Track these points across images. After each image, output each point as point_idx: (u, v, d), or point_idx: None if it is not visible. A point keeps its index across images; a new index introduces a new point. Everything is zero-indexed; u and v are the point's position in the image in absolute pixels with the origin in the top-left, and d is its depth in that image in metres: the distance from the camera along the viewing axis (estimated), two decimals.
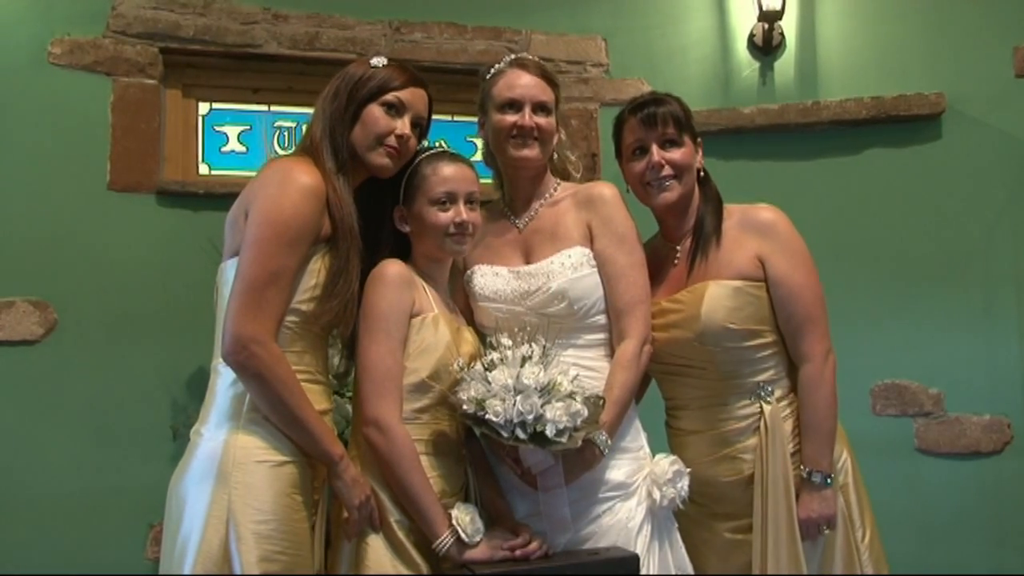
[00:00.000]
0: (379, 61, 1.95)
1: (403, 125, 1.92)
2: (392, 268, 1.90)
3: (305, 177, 1.77)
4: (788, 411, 2.07)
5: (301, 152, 1.91)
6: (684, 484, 1.97)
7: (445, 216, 1.95)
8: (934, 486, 3.21)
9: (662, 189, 2.12)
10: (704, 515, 2.11)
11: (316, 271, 1.80)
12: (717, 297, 2.04)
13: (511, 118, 2.06)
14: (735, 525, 2.08)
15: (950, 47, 3.33)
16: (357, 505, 1.78)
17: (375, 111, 1.91)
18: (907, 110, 3.27)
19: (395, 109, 1.92)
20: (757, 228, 2.09)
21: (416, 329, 1.88)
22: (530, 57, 2.17)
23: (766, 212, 2.12)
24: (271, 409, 1.73)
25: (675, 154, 2.11)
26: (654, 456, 2.03)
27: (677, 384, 2.15)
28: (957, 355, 3.23)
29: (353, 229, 1.84)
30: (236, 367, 1.72)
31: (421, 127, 1.99)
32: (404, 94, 1.93)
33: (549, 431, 1.74)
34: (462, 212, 1.95)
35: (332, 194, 1.81)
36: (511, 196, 2.17)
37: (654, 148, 2.11)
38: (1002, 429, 3.20)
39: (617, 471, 1.96)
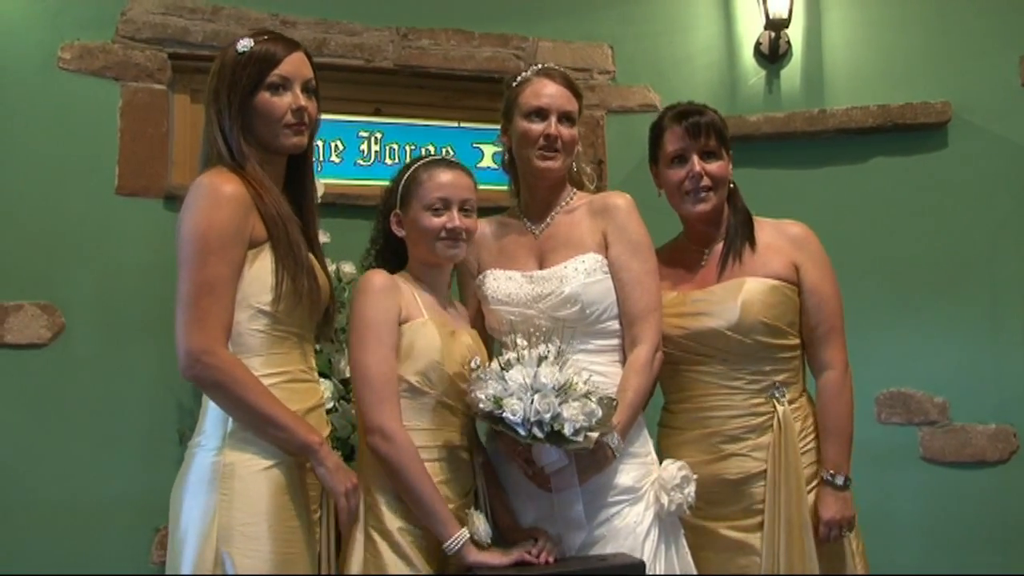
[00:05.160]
0: (245, 45, 1.85)
1: (295, 97, 1.85)
2: (376, 277, 1.94)
3: (221, 186, 1.76)
4: (796, 415, 2.11)
5: (212, 163, 1.86)
6: (691, 490, 1.98)
7: (438, 221, 1.97)
8: (939, 495, 3.19)
9: (698, 200, 2.17)
10: (702, 516, 2.11)
11: (271, 271, 1.79)
12: (755, 291, 2.10)
13: (537, 127, 2.08)
14: (736, 525, 2.10)
15: (956, 56, 3.33)
16: (343, 492, 1.78)
17: (264, 98, 1.83)
18: (913, 119, 3.27)
19: (282, 87, 1.85)
20: (790, 238, 2.18)
21: (403, 335, 1.90)
22: (556, 67, 2.19)
23: (797, 227, 2.22)
24: (237, 413, 1.73)
25: (714, 166, 2.17)
26: (661, 462, 2.04)
27: (691, 376, 2.16)
28: (962, 364, 3.22)
29: (285, 217, 1.81)
30: (195, 381, 1.73)
31: (312, 89, 1.91)
32: (284, 68, 1.84)
33: (567, 430, 1.75)
34: (455, 218, 1.97)
35: (253, 193, 1.78)
36: (528, 203, 2.19)
37: (695, 158, 2.16)
38: (1008, 438, 3.19)
39: (626, 475, 1.98)
